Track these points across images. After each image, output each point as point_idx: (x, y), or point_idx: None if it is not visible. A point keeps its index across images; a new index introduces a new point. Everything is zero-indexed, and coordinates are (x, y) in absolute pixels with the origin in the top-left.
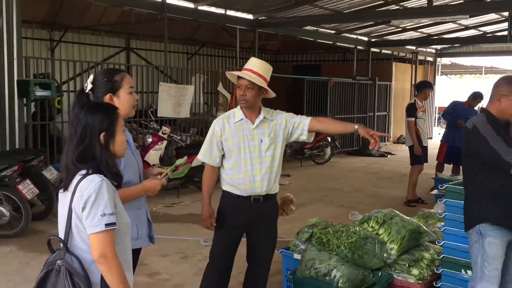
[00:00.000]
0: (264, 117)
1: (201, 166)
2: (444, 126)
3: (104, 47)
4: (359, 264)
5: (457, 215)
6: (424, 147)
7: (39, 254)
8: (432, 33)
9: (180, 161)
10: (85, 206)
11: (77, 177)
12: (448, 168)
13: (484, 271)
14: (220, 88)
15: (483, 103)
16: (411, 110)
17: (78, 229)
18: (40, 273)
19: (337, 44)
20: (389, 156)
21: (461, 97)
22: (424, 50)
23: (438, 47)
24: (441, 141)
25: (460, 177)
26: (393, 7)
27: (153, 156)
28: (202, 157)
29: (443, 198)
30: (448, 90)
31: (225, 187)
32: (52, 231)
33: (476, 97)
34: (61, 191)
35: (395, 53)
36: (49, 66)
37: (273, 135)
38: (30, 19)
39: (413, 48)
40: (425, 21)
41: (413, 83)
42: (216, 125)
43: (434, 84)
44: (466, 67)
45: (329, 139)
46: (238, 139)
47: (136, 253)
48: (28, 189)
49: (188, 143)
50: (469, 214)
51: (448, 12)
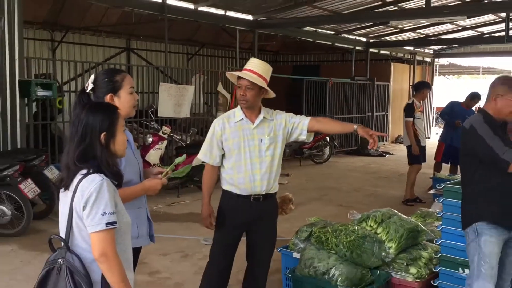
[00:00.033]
0: (264, 117)
1: (201, 166)
2: (442, 126)
3: (105, 48)
4: (358, 263)
5: (455, 214)
6: (422, 147)
7: (40, 253)
8: (430, 34)
9: (179, 160)
10: (86, 205)
11: (78, 177)
12: (446, 168)
13: (481, 270)
14: (220, 88)
15: (481, 103)
16: (409, 110)
17: (79, 228)
18: (41, 272)
19: (336, 45)
20: (388, 156)
21: (459, 97)
22: (422, 51)
23: (436, 48)
24: (439, 141)
25: (458, 177)
26: (391, 8)
27: (154, 156)
28: (202, 157)
29: (441, 197)
30: (446, 91)
31: (225, 187)
32: (53, 230)
33: (474, 98)
34: (62, 191)
35: (393, 54)
36: (50, 67)
37: (273, 135)
38: (32, 20)
39: (411, 49)
40: (423, 22)
41: (411, 84)
42: (217, 125)
43: (432, 85)
44: (464, 68)
45: (328, 139)
46: (238, 139)
47: (137, 252)
48: (30, 189)
49: (188, 143)
50: (466, 213)
51: (446, 13)
